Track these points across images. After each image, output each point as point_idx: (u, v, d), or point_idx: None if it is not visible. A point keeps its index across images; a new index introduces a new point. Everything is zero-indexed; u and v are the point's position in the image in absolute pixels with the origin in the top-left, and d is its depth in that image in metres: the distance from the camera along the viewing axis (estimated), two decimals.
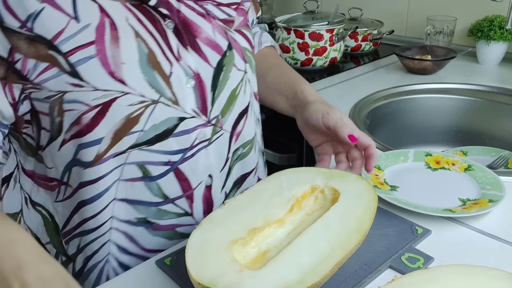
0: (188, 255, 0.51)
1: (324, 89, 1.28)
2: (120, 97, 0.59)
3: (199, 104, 0.66)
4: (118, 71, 0.58)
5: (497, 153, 1.09)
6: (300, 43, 1.36)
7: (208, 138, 0.68)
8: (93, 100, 0.58)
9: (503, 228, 0.69)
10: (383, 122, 1.19)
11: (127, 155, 0.63)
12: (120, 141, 0.61)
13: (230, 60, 0.68)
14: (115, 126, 0.60)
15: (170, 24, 0.63)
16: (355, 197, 0.60)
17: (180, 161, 0.66)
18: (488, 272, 0.49)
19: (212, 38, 0.66)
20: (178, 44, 0.63)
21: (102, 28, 0.58)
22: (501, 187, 0.75)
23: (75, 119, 0.59)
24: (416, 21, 1.61)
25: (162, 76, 0.61)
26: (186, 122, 0.65)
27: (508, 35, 1.31)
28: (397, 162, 0.86)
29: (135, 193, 0.66)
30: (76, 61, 0.56)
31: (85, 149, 0.61)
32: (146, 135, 0.62)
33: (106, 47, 0.57)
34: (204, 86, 0.66)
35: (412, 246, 0.64)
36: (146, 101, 0.61)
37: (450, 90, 1.24)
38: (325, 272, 0.49)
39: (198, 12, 0.65)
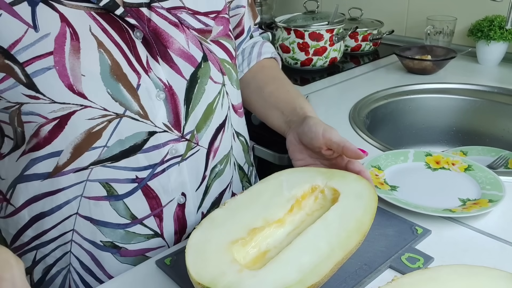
0: (188, 255, 0.51)
1: (324, 89, 1.28)
2: (79, 111, 0.56)
3: (171, 118, 0.63)
4: (78, 83, 0.55)
5: (497, 153, 1.09)
6: (300, 43, 1.36)
7: (181, 154, 0.65)
8: (50, 113, 0.55)
9: (503, 228, 0.69)
10: (383, 122, 1.19)
11: (89, 171, 0.60)
12: (80, 157, 0.59)
13: (206, 72, 0.65)
14: (74, 140, 0.58)
15: (139, 34, 0.59)
16: (355, 197, 0.60)
17: (148, 177, 0.63)
18: (488, 272, 0.49)
19: (186, 49, 0.63)
20: (148, 55, 0.60)
21: (62, 38, 0.55)
22: (501, 187, 0.75)
23: (34, 131, 0.57)
24: (416, 21, 1.61)
25: (128, 88, 0.58)
26: (156, 137, 0.62)
27: (508, 35, 1.31)
28: (397, 162, 0.86)
29: (100, 213, 0.63)
30: (33, 72, 0.54)
31: (42, 162, 0.59)
32: (110, 150, 0.59)
33: (65, 58, 0.55)
34: (177, 99, 0.63)
35: (412, 246, 0.64)
36: (109, 114, 0.58)
37: (450, 90, 1.24)
38: (325, 272, 0.49)
39: (170, 22, 0.62)
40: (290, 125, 0.75)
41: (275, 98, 0.80)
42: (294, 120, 0.74)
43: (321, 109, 1.14)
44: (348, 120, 1.06)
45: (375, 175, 0.81)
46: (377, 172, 0.82)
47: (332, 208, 0.58)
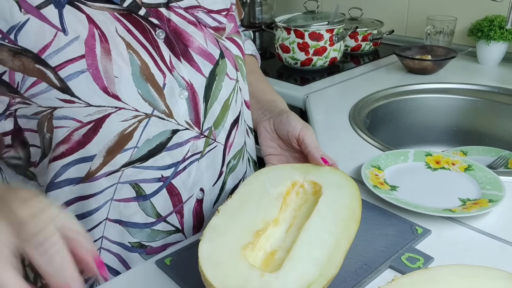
0: (205, 270, 0.49)
1: (324, 89, 1.28)
2: (113, 113, 0.56)
3: (192, 116, 0.63)
4: (112, 85, 0.55)
5: (497, 153, 1.09)
6: (300, 43, 1.36)
7: (200, 151, 0.66)
8: (85, 117, 0.55)
9: (503, 228, 0.69)
10: (383, 122, 1.19)
11: (120, 173, 0.60)
12: (113, 159, 0.58)
13: (223, 69, 0.66)
14: (108, 143, 0.57)
15: (161, 34, 0.60)
16: (337, 187, 0.62)
17: (172, 175, 0.64)
18: (488, 272, 0.49)
19: (204, 47, 0.64)
20: (171, 54, 0.61)
21: (92, 40, 0.54)
22: (501, 187, 0.75)
23: (64, 136, 0.56)
24: (416, 21, 1.61)
25: (155, 88, 0.59)
26: (179, 135, 0.62)
27: (508, 35, 1.31)
28: (397, 162, 0.86)
29: (129, 215, 0.63)
30: (67, 76, 0.53)
31: (74, 167, 0.58)
32: (139, 151, 0.60)
33: (98, 61, 0.55)
34: (197, 97, 0.63)
35: (412, 246, 0.64)
36: (139, 115, 0.58)
37: (450, 90, 1.24)
38: (339, 262, 0.51)
39: (189, 21, 0.63)
40: (266, 114, 0.76)
41: (252, 88, 0.81)
42: (271, 110, 0.76)
43: (321, 109, 1.14)
44: (348, 120, 1.06)
45: (375, 175, 0.81)
46: (377, 172, 0.82)
47: (320, 201, 0.59)
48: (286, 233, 0.58)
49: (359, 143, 0.96)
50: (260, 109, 0.79)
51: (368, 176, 0.79)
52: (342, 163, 0.88)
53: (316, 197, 0.62)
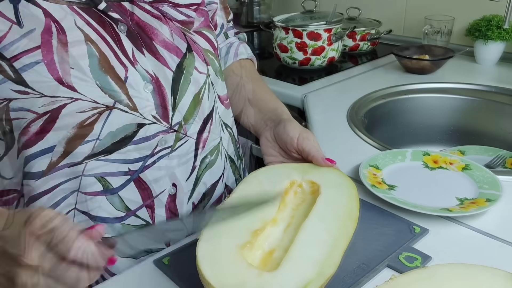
0: (203, 269, 0.49)
1: (322, 88, 1.28)
2: (69, 104, 0.56)
3: (159, 110, 0.63)
4: (67, 76, 0.55)
5: (494, 152, 1.09)
6: (298, 43, 1.36)
7: (170, 145, 0.65)
8: (40, 108, 0.55)
9: (501, 227, 0.69)
10: (381, 121, 1.19)
11: (84, 166, 0.60)
12: (74, 151, 0.58)
13: (191, 63, 0.66)
14: (66, 134, 0.57)
15: (123, 28, 0.60)
16: (335, 187, 0.62)
17: (140, 169, 0.63)
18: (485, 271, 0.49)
19: (170, 41, 0.64)
20: (133, 47, 0.60)
21: (48, 32, 0.55)
22: (499, 186, 0.75)
23: (23, 128, 0.56)
24: (414, 21, 1.61)
25: (116, 80, 0.59)
26: (146, 129, 0.62)
27: (505, 35, 1.31)
28: (395, 161, 0.86)
29: (97, 209, 0.63)
30: (21, 67, 0.54)
31: (35, 159, 0.58)
32: (102, 143, 0.59)
33: (53, 52, 0.55)
34: (164, 90, 0.63)
35: (410, 245, 0.64)
36: (99, 107, 0.58)
37: (448, 89, 1.24)
38: (337, 261, 0.51)
39: (153, 15, 0.63)
40: (268, 123, 0.77)
41: (254, 96, 0.82)
42: (273, 119, 0.76)
43: (319, 109, 1.14)
44: (346, 119, 1.06)
45: (373, 175, 0.81)
46: (375, 171, 0.82)
47: (319, 200, 0.59)
48: (284, 232, 0.58)
49: (357, 142, 0.96)
50: (262, 119, 0.79)
51: (366, 176, 0.79)
52: (340, 162, 0.87)
53: (314, 196, 0.62)
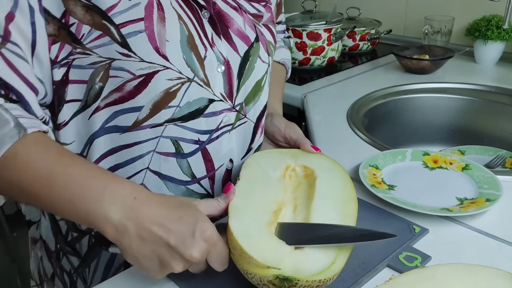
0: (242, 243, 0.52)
1: (322, 88, 1.28)
2: (162, 71, 0.63)
3: (227, 89, 0.70)
4: (163, 47, 0.63)
5: (494, 152, 1.09)
6: (298, 43, 1.36)
7: (231, 123, 0.73)
8: (138, 70, 0.62)
9: (500, 227, 0.69)
10: (381, 121, 1.19)
11: (163, 128, 0.66)
12: (158, 113, 0.65)
13: (256, 51, 0.73)
14: (154, 97, 0.64)
15: (206, 14, 0.67)
16: (327, 171, 0.66)
17: (207, 141, 0.70)
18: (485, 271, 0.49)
19: (243, 30, 0.71)
20: (213, 32, 0.68)
21: (150, 7, 0.62)
22: (499, 186, 0.75)
23: (118, 86, 0.63)
24: (414, 21, 1.61)
25: (198, 58, 0.66)
26: (214, 104, 0.69)
27: (505, 35, 1.31)
28: (395, 161, 0.86)
29: (168, 168, 0.69)
30: (127, 33, 0.61)
31: (124, 115, 0.65)
32: (181, 111, 0.66)
33: (154, 25, 0.62)
34: (232, 72, 0.70)
35: (409, 245, 0.64)
36: (182, 78, 0.65)
37: (448, 89, 1.24)
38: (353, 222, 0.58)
39: (231, 6, 0.71)
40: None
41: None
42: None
43: (319, 109, 1.14)
44: (346, 119, 1.06)
45: (373, 174, 0.81)
46: (375, 171, 0.82)
47: (318, 183, 0.63)
48: (294, 213, 0.61)
49: (357, 142, 0.96)
50: None
51: (366, 176, 0.79)
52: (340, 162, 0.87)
53: (308, 180, 0.66)
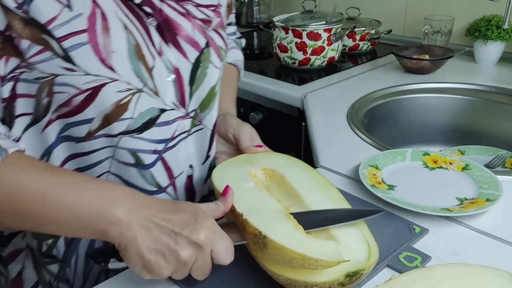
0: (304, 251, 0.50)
1: (322, 88, 1.28)
2: (109, 83, 0.61)
3: (178, 97, 0.69)
4: (109, 58, 0.61)
5: (494, 152, 1.09)
6: (298, 43, 1.36)
7: (187, 130, 0.72)
8: (83, 84, 0.60)
9: (500, 227, 0.69)
10: (381, 121, 1.19)
11: (118, 139, 0.65)
12: (110, 125, 0.63)
13: (207, 57, 0.72)
14: (104, 110, 0.62)
15: (153, 22, 0.66)
16: (287, 166, 0.68)
17: (164, 150, 0.69)
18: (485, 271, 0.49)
19: (192, 36, 0.70)
20: (161, 40, 0.66)
21: (93, 17, 0.60)
22: (498, 186, 0.75)
23: (65, 101, 0.61)
24: (414, 21, 1.61)
25: (146, 68, 0.64)
26: (166, 114, 0.68)
27: (505, 35, 1.31)
28: (394, 161, 0.86)
29: (130, 176, 0.68)
30: (70, 46, 0.59)
31: (76, 127, 0.63)
32: (135, 122, 0.65)
33: (97, 36, 0.60)
34: (183, 80, 0.69)
35: (409, 245, 0.64)
36: (132, 89, 0.63)
37: (448, 89, 1.24)
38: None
39: (179, 12, 0.69)
40: None
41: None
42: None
43: (319, 109, 1.14)
44: (346, 119, 1.06)
45: (373, 175, 0.81)
46: (375, 171, 0.82)
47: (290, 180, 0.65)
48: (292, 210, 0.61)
49: (357, 142, 0.96)
50: None
51: (366, 176, 0.79)
52: (340, 162, 0.88)
53: (273, 180, 0.67)
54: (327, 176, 0.84)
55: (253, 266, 0.59)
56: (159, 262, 0.52)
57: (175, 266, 0.53)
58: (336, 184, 0.79)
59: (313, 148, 0.96)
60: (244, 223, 0.55)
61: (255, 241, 0.54)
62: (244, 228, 0.56)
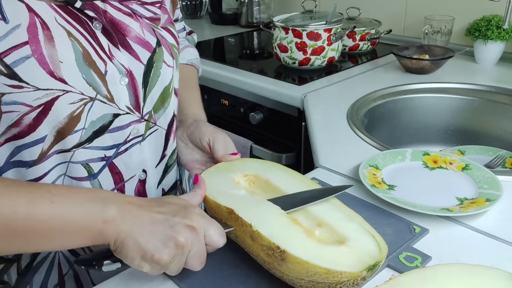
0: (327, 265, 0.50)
1: (322, 88, 1.28)
2: (62, 96, 0.58)
3: (133, 101, 0.67)
4: (57, 70, 0.58)
5: (494, 152, 1.09)
6: (298, 43, 1.36)
7: (141, 134, 0.70)
8: (35, 100, 0.57)
9: (500, 227, 0.69)
10: (381, 121, 1.19)
11: (72, 153, 0.63)
12: (64, 140, 0.61)
13: (160, 57, 0.70)
14: (58, 124, 0.60)
15: (98, 25, 0.63)
16: (268, 170, 0.68)
17: (114, 155, 0.67)
18: (485, 271, 0.49)
19: (142, 36, 0.67)
20: (109, 43, 0.64)
21: (34, 28, 0.56)
22: (499, 186, 0.75)
23: (15, 121, 0.58)
24: (414, 21, 1.61)
25: (98, 74, 0.62)
26: (120, 118, 0.66)
27: (505, 35, 1.31)
28: (394, 161, 0.86)
29: None
30: (13, 62, 0.55)
31: (27, 149, 0.60)
32: (86, 132, 0.63)
33: (41, 47, 0.57)
34: (136, 83, 0.67)
35: (410, 245, 0.64)
36: (85, 98, 0.61)
37: (448, 89, 1.24)
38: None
39: (124, 12, 0.66)
40: (181, 124, 0.81)
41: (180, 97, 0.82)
42: (188, 120, 0.80)
43: (319, 109, 1.14)
44: (346, 119, 1.06)
45: (373, 174, 0.81)
46: (375, 171, 0.82)
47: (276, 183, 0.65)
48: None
49: (357, 142, 0.96)
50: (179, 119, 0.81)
51: (366, 176, 0.79)
52: (340, 162, 0.88)
53: (256, 185, 0.67)
54: (327, 176, 0.84)
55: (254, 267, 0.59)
56: (158, 248, 0.52)
57: (173, 251, 0.52)
58: (336, 184, 0.80)
59: (313, 148, 0.96)
60: (255, 235, 0.55)
61: (270, 254, 0.53)
62: (255, 239, 0.55)
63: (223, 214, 0.60)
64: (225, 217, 0.60)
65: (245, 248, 0.60)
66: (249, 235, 0.56)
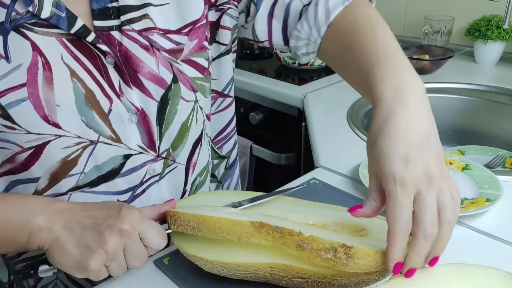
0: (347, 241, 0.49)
1: (322, 88, 1.28)
2: (53, 140, 0.57)
3: (145, 140, 0.64)
4: (53, 114, 0.56)
5: (494, 152, 1.09)
6: None
7: (159, 173, 0.67)
8: (25, 143, 0.56)
9: (500, 227, 0.69)
10: None
11: (68, 197, 0.61)
12: (58, 183, 0.60)
13: (176, 93, 0.65)
14: (51, 168, 0.59)
15: (110, 60, 0.59)
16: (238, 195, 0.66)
17: (130, 199, 0.65)
18: (485, 271, 0.49)
19: (156, 72, 0.62)
20: (120, 80, 0.60)
21: (34, 68, 0.54)
22: (499, 186, 0.75)
23: (8, 157, 0.58)
24: (414, 21, 1.61)
25: (100, 114, 0.59)
26: (133, 159, 0.63)
27: (505, 35, 1.31)
28: None
29: None
30: (8, 103, 0.54)
31: (22, 185, 0.60)
32: (87, 177, 0.61)
33: (39, 90, 0.55)
34: (149, 120, 0.63)
35: None
36: (83, 142, 0.59)
37: (448, 89, 1.24)
38: None
39: (141, 45, 0.61)
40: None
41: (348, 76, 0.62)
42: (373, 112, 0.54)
43: (319, 109, 1.14)
44: (346, 119, 1.06)
45: None
46: None
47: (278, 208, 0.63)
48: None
49: (357, 142, 0.96)
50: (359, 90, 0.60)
51: (366, 176, 0.79)
52: (339, 162, 0.88)
53: None
54: (327, 176, 0.84)
55: None
56: (84, 255, 0.50)
57: (103, 257, 0.51)
58: (336, 184, 0.80)
59: (313, 148, 0.96)
60: (308, 241, 0.49)
61: (331, 257, 0.48)
62: (305, 247, 0.49)
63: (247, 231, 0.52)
64: (250, 233, 0.52)
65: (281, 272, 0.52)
66: (294, 245, 0.50)
